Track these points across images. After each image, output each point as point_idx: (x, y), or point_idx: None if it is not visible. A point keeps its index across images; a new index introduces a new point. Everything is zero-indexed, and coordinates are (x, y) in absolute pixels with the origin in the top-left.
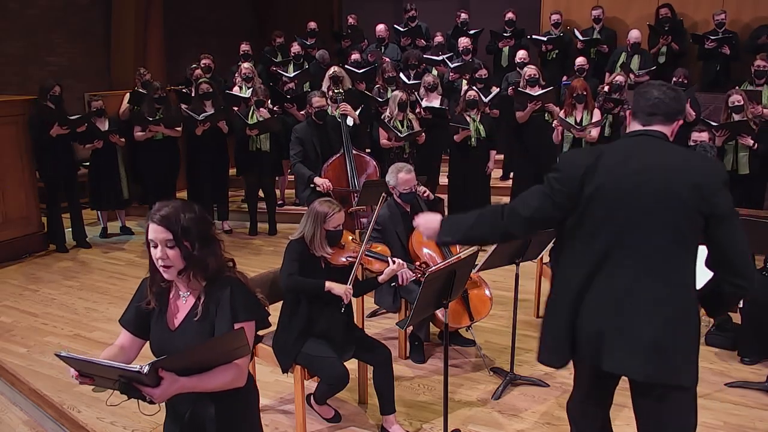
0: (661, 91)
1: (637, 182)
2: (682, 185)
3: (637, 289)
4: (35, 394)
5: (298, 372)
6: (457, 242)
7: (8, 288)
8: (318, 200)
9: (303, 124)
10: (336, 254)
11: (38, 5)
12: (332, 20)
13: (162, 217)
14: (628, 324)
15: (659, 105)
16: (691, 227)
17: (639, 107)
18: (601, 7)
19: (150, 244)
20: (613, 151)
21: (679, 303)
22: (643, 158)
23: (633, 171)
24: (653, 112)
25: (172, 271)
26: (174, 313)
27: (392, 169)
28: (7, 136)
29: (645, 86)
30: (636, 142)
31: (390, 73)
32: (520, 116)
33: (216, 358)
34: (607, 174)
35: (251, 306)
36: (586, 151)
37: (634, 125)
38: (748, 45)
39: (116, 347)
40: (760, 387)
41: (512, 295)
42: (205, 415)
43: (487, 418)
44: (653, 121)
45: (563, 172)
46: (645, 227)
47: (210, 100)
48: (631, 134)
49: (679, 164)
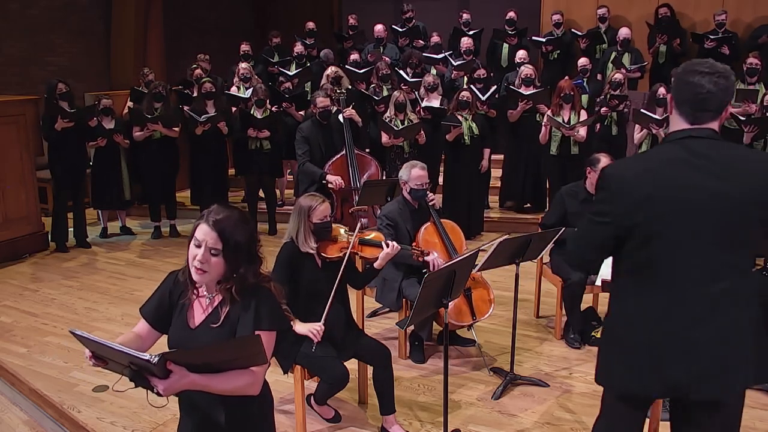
0: (712, 82)
1: (699, 198)
2: (749, 199)
3: (712, 314)
4: (35, 394)
5: (298, 372)
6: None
7: (8, 288)
8: (302, 196)
9: (308, 123)
10: (330, 248)
11: (38, 5)
12: (332, 20)
13: (217, 222)
14: (709, 348)
15: (710, 100)
16: (757, 239)
17: (684, 99)
18: (606, 6)
19: (193, 241)
20: (661, 165)
21: (750, 314)
22: (702, 169)
23: (693, 186)
24: (704, 108)
25: (204, 277)
26: (195, 311)
27: (406, 165)
28: (7, 136)
29: (691, 72)
30: (686, 148)
31: (384, 71)
32: (511, 115)
33: (229, 360)
34: (665, 196)
35: (275, 317)
36: (632, 171)
37: (679, 121)
38: (748, 44)
39: (133, 333)
40: (760, 387)
41: (512, 295)
42: (217, 421)
43: (487, 418)
44: (703, 118)
45: (614, 201)
46: (712, 247)
47: (212, 100)
48: (678, 136)
49: (742, 173)
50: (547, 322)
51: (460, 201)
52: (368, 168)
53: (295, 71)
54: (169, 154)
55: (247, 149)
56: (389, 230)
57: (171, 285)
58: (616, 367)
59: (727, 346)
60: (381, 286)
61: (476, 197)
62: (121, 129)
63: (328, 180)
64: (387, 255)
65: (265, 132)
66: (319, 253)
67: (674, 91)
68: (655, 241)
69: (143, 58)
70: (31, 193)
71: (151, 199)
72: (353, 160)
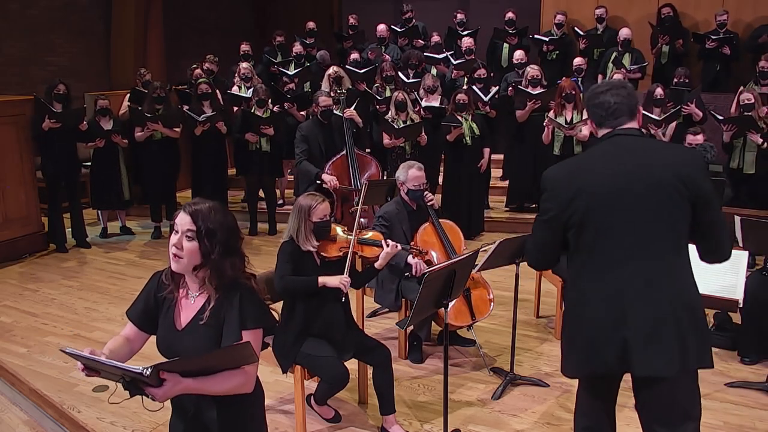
0: (614, 95)
1: (627, 182)
2: (671, 177)
3: (647, 289)
4: (35, 394)
5: (298, 372)
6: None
7: (8, 288)
8: (302, 195)
9: (308, 122)
10: (329, 247)
11: (38, 5)
12: (332, 20)
13: (194, 210)
14: (646, 325)
15: (621, 108)
16: (684, 216)
17: (600, 117)
18: (604, 7)
19: (172, 229)
20: (593, 160)
21: (688, 293)
22: (628, 158)
23: (622, 172)
24: (618, 116)
25: (180, 263)
26: (181, 311)
27: (403, 165)
28: (7, 136)
29: (595, 96)
30: (613, 143)
31: (388, 72)
32: (519, 115)
33: (221, 365)
34: (595, 185)
35: (259, 314)
36: (566, 170)
37: (603, 130)
38: (748, 44)
39: (121, 338)
40: (760, 387)
41: (512, 295)
42: (208, 415)
43: (487, 418)
44: (621, 122)
45: (552, 200)
46: (644, 226)
47: (208, 101)
48: (606, 137)
49: (663, 157)
50: (547, 322)
51: (460, 201)
52: (369, 168)
53: (294, 71)
54: (170, 155)
55: (248, 149)
56: (384, 230)
57: (155, 286)
58: (569, 354)
59: (661, 324)
60: (379, 286)
61: (476, 197)
62: (119, 129)
63: (323, 180)
64: (387, 255)
65: (270, 129)
66: (318, 253)
67: (591, 116)
68: (590, 228)
69: (143, 58)
70: (31, 193)
71: (152, 199)
72: (354, 160)
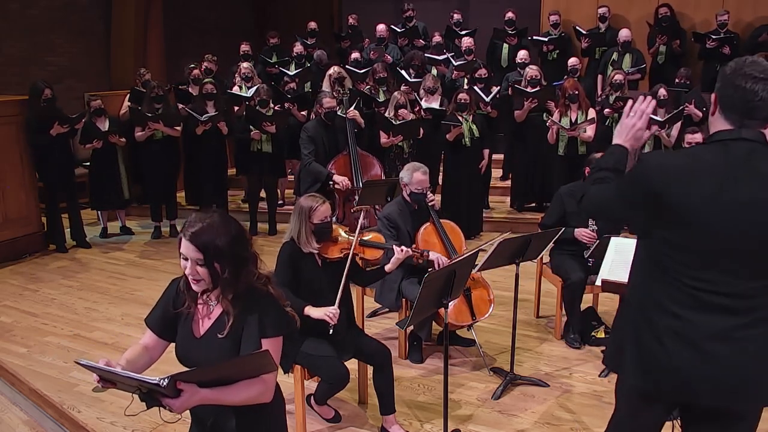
0: (766, 90)
1: (740, 218)
2: None
3: (735, 336)
4: (35, 394)
5: (298, 372)
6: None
7: (8, 288)
8: (303, 196)
9: (313, 122)
10: (330, 249)
11: (38, 5)
12: (332, 20)
13: (194, 235)
14: (727, 363)
15: (762, 108)
16: None
17: (733, 104)
18: (606, 6)
19: (181, 256)
20: (699, 169)
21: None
22: (743, 182)
23: (731, 203)
24: (752, 116)
25: (201, 285)
26: (200, 320)
27: (408, 166)
28: (7, 136)
29: (744, 76)
30: (728, 152)
31: (381, 74)
32: (517, 115)
33: (239, 375)
34: (702, 205)
35: (280, 321)
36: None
37: (721, 122)
38: (748, 44)
39: (140, 347)
40: None
41: (512, 295)
42: (228, 426)
43: (487, 418)
44: (750, 125)
45: (637, 185)
46: (747, 271)
47: (212, 101)
48: (720, 136)
49: None
50: (547, 322)
51: (459, 201)
52: (372, 168)
53: (294, 71)
54: (170, 155)
55: (249, 149)
56: (391, 232)
57: (173, 294)
58: (632, 358)
59: (749, 358)
60: (380, 286)
61: (476, 197)
62: (117, 129)
63: (334, 180)
64: (397, 260)
65: (272, 127)
66: (319, 254)
67: (721, 94)
68: (689, 253)
69: (143, 58)
70: (31, 193)
71: (152, 198)
72: (356, 160)
